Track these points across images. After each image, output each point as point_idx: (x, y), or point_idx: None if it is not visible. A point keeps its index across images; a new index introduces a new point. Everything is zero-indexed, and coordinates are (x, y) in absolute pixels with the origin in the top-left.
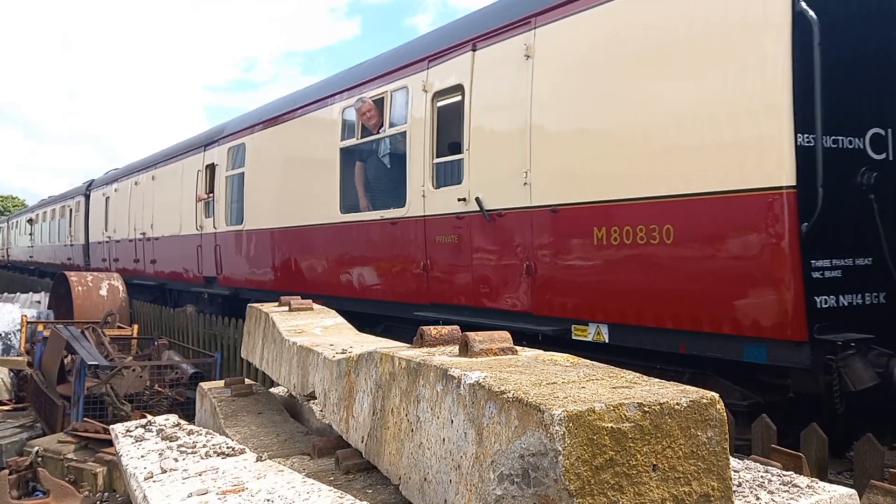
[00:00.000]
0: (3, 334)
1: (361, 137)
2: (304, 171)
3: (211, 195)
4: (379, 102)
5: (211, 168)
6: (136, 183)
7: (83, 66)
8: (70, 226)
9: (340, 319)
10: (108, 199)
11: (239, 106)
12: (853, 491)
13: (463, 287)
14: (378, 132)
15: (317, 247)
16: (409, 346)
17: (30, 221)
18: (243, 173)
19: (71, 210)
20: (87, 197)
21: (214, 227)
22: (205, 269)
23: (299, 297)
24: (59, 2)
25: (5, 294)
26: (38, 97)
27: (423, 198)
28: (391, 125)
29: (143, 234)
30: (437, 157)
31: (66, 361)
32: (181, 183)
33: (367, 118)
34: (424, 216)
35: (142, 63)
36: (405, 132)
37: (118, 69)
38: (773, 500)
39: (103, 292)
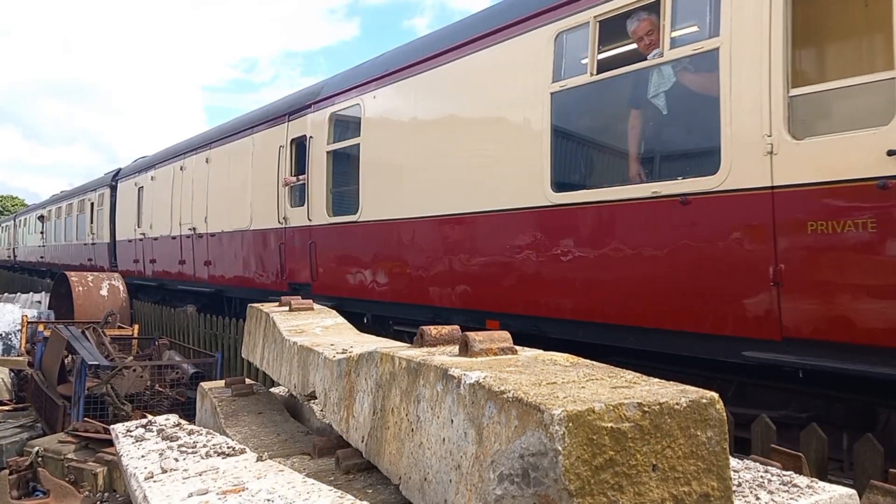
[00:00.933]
0: (3, 334)
1: (602, 72)
2: (476, 134)
3: (301, 178)
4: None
5: (299, 142)
6: (181, 168)
7: (83, 66)
8: (91, 222)
9: (341, 319)
10: (141, 189)
11: (239, 107)
12: (853, 491)
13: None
14: (649, 56)
15: (510, 244)
16: (409, 345)
17: (41, 218)
18: (357, 146)
19: (92, 204)
20: (114, 188)
21: (309, 220)
22: (291, 272)
23: (490, 322)
24: (59, 2)
25: (6, 294)
26: (37, 97)
27: (771, 156)
28: (675, 44)
29: (193, 229)
30: (793, 86)
31: (66, 361)
32: (251, 164)
33: (642, 36)
34: (774, 188)
35: (141, 63)
36: (717, 49)
37: (118, 69)
38: (773, 500)
39: (104, 292)
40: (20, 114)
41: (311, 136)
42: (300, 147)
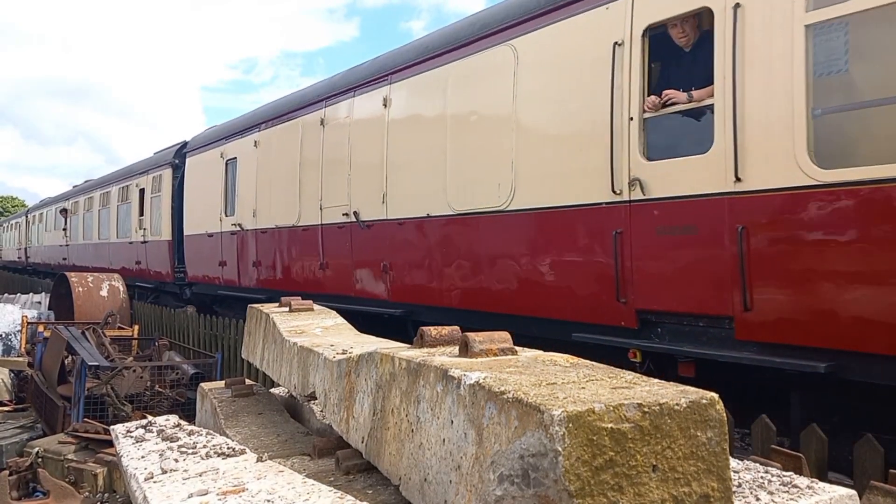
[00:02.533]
0: (3, 335)
1: None
2: None
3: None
4: None
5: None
6: (321, 122)
7: (83, 66)
8: (143, 214)
9: (340, 320)
10: (231, 162)
11: (239, 107)
12: (853, 492)
13: None
14: None
15: None
16: (409, 346)
17: (63, 212)
18: None
19: (142, 191)
20: (177, 167)
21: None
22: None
23: None
24: (59, 2)
25: (6, 295)
26: (37, 97)
27: None
28: None
29: (355, 214)
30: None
31: (66, 362)
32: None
33: None
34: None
35: (141, 64)
36: None
37: (118, 70)
38: (773, 501)
39: (104, 293)
40: (20, 114)
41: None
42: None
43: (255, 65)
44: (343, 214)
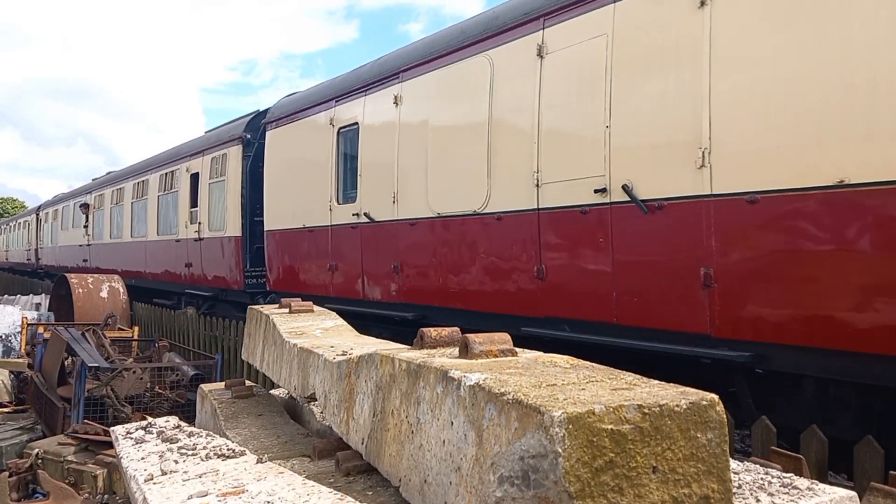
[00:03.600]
0: (3, 336)
1: None
2: None
3: None
4: None
5: None
6: (537, 50)
7: (82, 67)
8: (197, 205)
9: (340, 321)
10: (348, 131)
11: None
12: (853, 493)
13: None
14: None
15: None
16: (409, 347)
17: (84, 208)
18: None
19: (195, 177)
20: (249, 143)
21: None
22: None
23: None
24: (59, 3)
25: (6, 296)
26: (37, 98)
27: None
28: None
29: (625, 186)
30: None
31: (66, 363)
32: None
33: None
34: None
35: (141, 65)
36: None
37: (118, 71)
38: (774, 502)
39: (104, 294)
40: (19, 115)
41: None
42: None
43: (255, 66)
44: (596, 192)
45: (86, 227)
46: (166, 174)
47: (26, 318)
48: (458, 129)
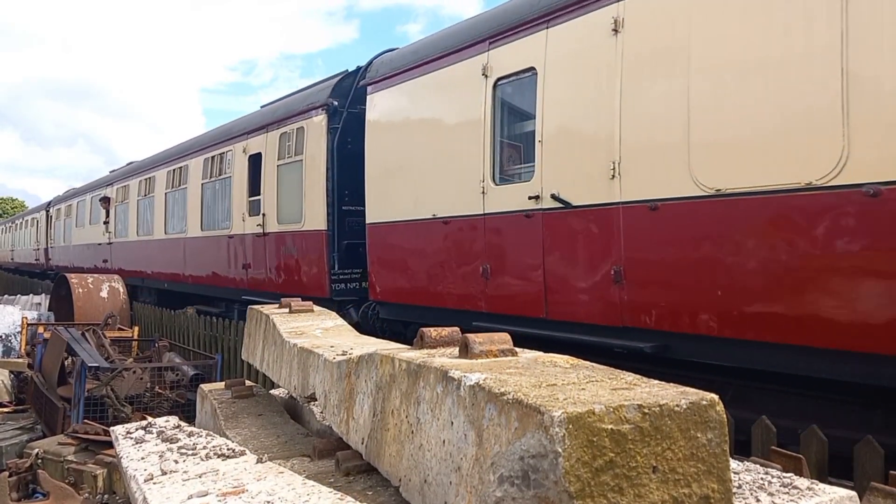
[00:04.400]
0: (3, 336)
1: None
2: None
3: None
4: None
5: None
6: None
7: (82, 67)
8: (260, 192)
9: (340, 321)
10: (511, 83)
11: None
12: (853, 493)
13: None
14: None
15: None
16: (409, 347)
17: (104, 202)
18: None
19: (255, 158)
20: (336, 112)
21: None
22: None
23: None
24: (59, 3)
25: (6, 296)
26: (36, 99)
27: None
28: None
29: None
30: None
31: (66, 363)
32: None
33: None
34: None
35: (141, 65)
36: None
37: (117, 71)
38: (774, 502)
39: (104, 294)
40: (19, 115)
41: None
42: None
43: (254, 67)
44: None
45: (106, 223)
46: (212, 158)
47: (26, 318)
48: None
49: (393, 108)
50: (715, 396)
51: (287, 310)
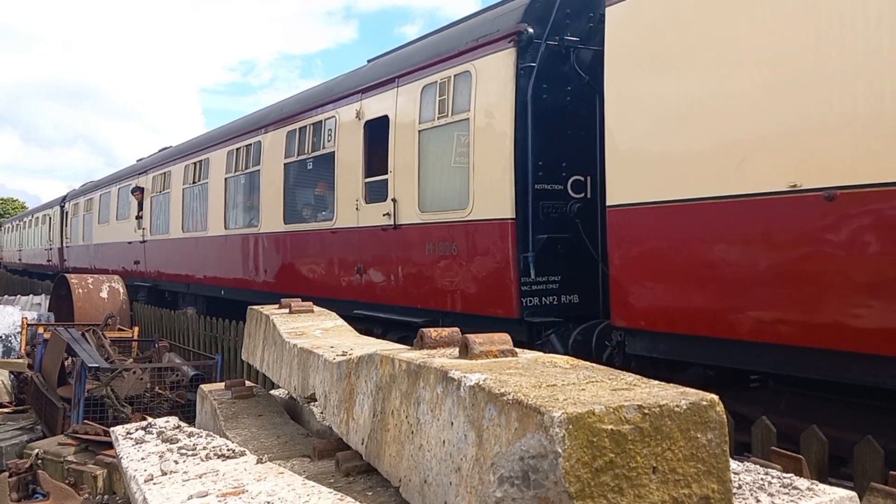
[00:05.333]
0: (3, 336)
1: None
2: None
3: None
4: None
5: None
6: None
7: (82, 68)
8: (390, 168)
9: (340, 322)
10: None
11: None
12: (853, 493)
13: None
14: None
15: None
16: (409, 348)
17: (138, 192)
18: None
19: (378, 122)
20: (528, 46)
21: None
22: None
23: None
24: (58, 4)
25: (6, 296)
26: (36, 99)
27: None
28: None
29: None
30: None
31: (66, 364)
32: None
33: None
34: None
35: (141, 66)
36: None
37: (117, 72)
38: (774, 503)
39: (104, 294)
40: (19, 116)
41: None
42: None
43: (254, 67)
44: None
45: (139, 217)
46: (300, 130)
47: (26, 318)
48: None
49: (660, 23)
50: (715, 397)
51: (287, 310)
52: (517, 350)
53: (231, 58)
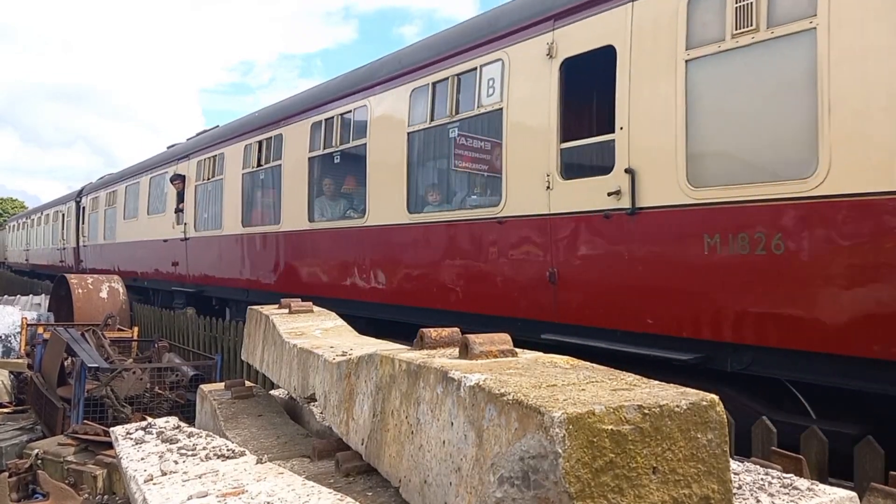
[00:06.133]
0: (3, 337)
1: None
2: None
3: None
4: None
5: None
6: None
7: (82, 68)
8: (624, 117)
9: (340, 322)
10: None
11: (237, 109)
12: (853, 493)
13: None
14: None
15: None
16: (409, 348)
17: (178, 180)
18: None
19: (603, 53)
20: None
21: None
22: None
23: None
24: (58, 4)
25: (6, 296)
26: (36, 100)
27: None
28: None
29: None
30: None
31: (66, 364)
32: None
33: None
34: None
35: (140, 66)
36: None
37: (117, 72)
38: (774, 503)
39: (103, 294)
40: (19, 116)
41: None
42: None
43: (253, 67)
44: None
45: (179, 211)
46: (434, 86)
47: (26, 318)
48: None
49: None
50: (715, 397)
51: (287, 310)
52: (517, 350)
53: (231, 58)
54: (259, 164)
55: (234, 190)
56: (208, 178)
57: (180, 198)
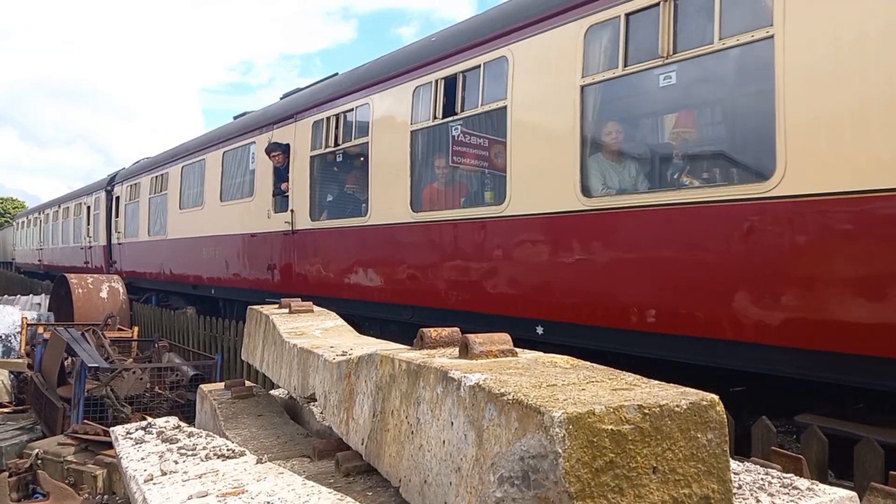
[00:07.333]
0: (3, 336)
1: None
2: None
3: None
4: None
5: None
6: None
7: (82, 67)
8: None
9: (340, 322)
10: None
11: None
12: (853, 493)
13: None
14: None
15: None
16: (409, 347)
17: (278, 154)
18: None
19: None
20: None
21: None
22: None
23: None
24: (58, 3)
25: (6, 296)
26: (35, 98)
27: None
28: None
29: None
30: None
31: (66, 363)
32: None
33: None
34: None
35: (141, 65)
36: None
37: (117, 71)
38: (774, 503)
39: (103, 294)
40: (18, 115)
41: None
42: None
43: (253, 67)
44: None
45: (281, 195)
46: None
47: (26, 318)
48: None
49: None
50: (715, 397)
51: (287, 310)
52: (517, 350)
53: (231, 58)
54: (436, 117)
55: (398, 159)
56: (335, 144)
57: (281, 175)
